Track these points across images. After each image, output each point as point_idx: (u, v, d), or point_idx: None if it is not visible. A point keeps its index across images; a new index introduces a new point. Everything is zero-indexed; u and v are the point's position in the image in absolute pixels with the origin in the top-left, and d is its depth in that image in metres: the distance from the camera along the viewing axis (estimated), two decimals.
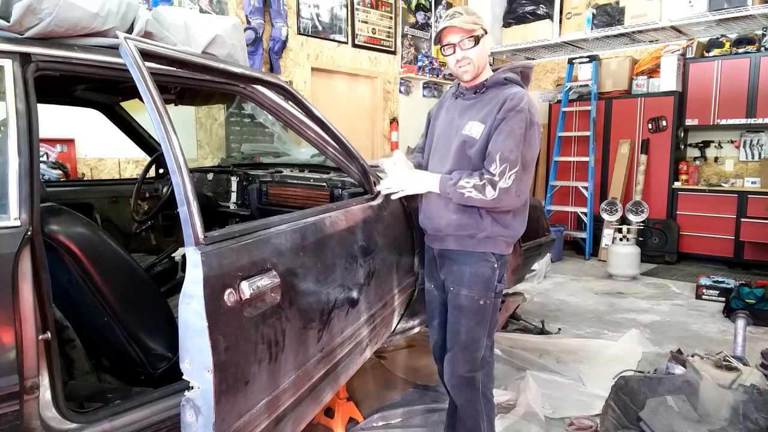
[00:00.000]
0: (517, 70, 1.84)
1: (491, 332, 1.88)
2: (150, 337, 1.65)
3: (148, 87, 1.18)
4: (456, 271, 1.84)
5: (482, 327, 1.83)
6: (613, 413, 2.15)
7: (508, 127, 1.69)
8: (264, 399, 1.30)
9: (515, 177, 1.68)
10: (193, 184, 1.19)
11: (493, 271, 1.81)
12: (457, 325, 1.84)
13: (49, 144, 3.70)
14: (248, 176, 2.83)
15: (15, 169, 1.20)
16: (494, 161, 1.68)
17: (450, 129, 1.87)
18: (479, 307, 1.81)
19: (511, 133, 1.69)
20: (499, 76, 1.82)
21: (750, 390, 2.07)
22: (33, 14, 1.30)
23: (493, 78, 1.82)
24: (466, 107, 1.84)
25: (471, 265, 1.81)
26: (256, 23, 4.72)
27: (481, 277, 1.80)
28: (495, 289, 1.83)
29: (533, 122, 1.73)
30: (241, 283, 1.21)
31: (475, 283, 1.80)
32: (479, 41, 1.78)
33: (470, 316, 1.81)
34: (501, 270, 1.85)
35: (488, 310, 1.83)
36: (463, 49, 1.77)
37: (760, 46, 5.44)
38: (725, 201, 5.56)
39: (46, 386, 1.20)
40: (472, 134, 1.76)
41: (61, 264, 1.44)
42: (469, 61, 1.78)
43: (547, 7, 6.02)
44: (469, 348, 1.83)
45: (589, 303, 4.39)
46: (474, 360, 1.84)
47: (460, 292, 1.82)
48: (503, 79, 1.81)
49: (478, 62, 1.80)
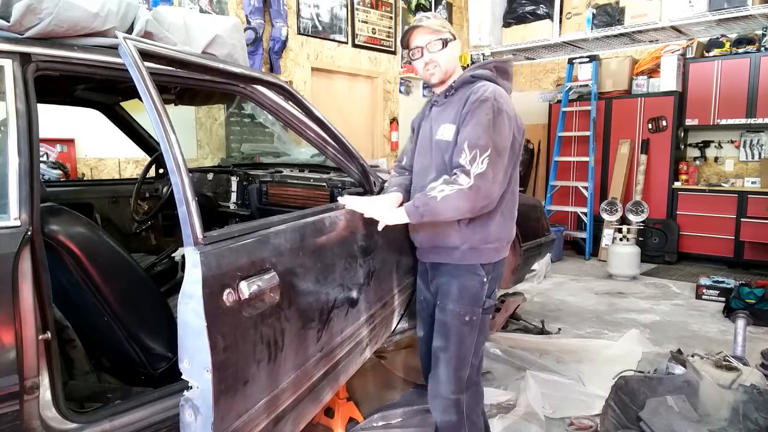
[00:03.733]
0: (490, 66, 1.76)
1: (478, 351, 1.76)
2: (150, 337, 1.65)
3: (148, 87, 1.18)
4: (443, 284, 1.75)
5: (468, 345, 1.71)
6: (613, 413, 2.15)
7: (474, 119, 1.61)
8: (263, 399, 1.30)
9: (489, 161, 1.56)
10: (192, 183, 1.19)
11: (482, 285, 1.71)
12: (443, 341, 1.73)
13: (49, 144, 3.71)
14: (248, 176, 2.83)
15: (15, 169, 1.20)
16: (462, 150, 1.58)
17: (427, 138, 1.81)
18: (465, 324, 1.70)
19: (478, 123, 1.60)
20: (465, 75, 1.75)
21: (750, 390, 2.07)
22: (33, 14, 1.30)
23: (461, 78, 1.76)
24: (438, 113, 1.79)
25: (458, 278, 1.72)
26: (256, 23, 4.72)
27: (469, 291, 1.70)
28: (483, 304, 1.72)
29: (501, 110, 1.62)
30: (240, 283, 1.21)
31: (461, 298, 1.70)
32: (447, 45, 1.72)
33: (455, 332, 1.70)
34: (492, 284, 1.74)
35: (475, 326, 1.71)
36: (431, 52, 1.72)
37: (760, 46, 5.44)
38: (725, 201, 5.56)
39: (46, 386, 1.20)
40: (444, 137, 1.70)
41: (61, 264, 1.44)
42: (436, 64, 1.73)
43: (547, 7, 6.02)
44: (453, 367, 1.71)
45: (589, 303, 4.39)
46: (458, 380, 1.72)
47: (446, 307, 1.72)
48: (470, 77, 1.73)
49: (446, 66, 1.74)
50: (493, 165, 1.56)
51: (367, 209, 1.71)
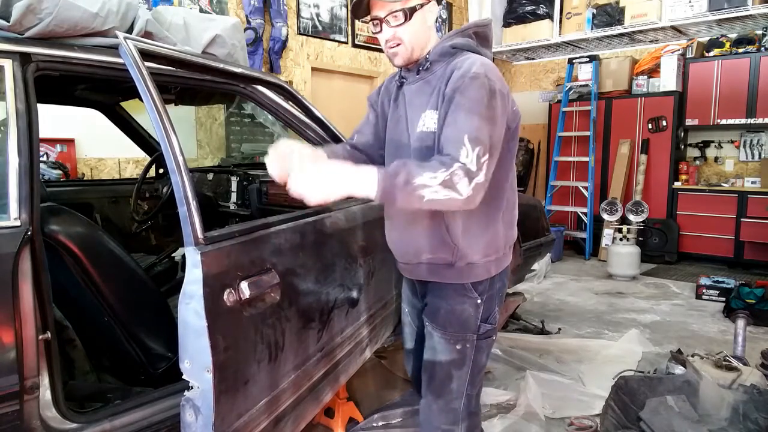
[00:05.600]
0: (469, 32, 1.39)
1: (475, 380, 1.47)
2: (150, 337, 1.65)
3: (148, 87, 1.18)
4: (430, 303, 1.46)
5: (459, 375, 1.43)
6: (613, 413, 2.15)
7: (466, 100, 1.24)
8: (264, 399, 1.30)
9: (487, 164, 1.21)
10: (192, 183, 1.19)
11: (476, 308, 1.40)
12: (430, 369, 1.46)
13: (49, 144, 3.70)
14: (248, 176, 2.83)
15: (15, 169, 1.20)
16: (463, 145, 1.19)
17: (399, 130, 1.43)
18: (455, 352, 1.41)
19: (472, 108, 1.23)
20: (444, 44, 1.36)
21: (750, 390, 2.07)
22: (33, 14, 1.30)
23: (437, 49, 1.36)
24: (412, 95, 1.40)
25: (446, 300, 1.41)
26: (256, 23, 4.72)
27: (458, 317, 1.40)
28: (478, 330, 1.42)
29: (495, 90, 1.26)
30: (241, 283, 1.21)
31: (449, 324, 1.41)
32: (413, 15, 1.30)
33: (445, 361, 1.43)
34: (489, 304, 1.43)
35: (467, 355, 1.42)
36: (391, 26, 1.31)
37: (760, 46, 5.44)
38: (725, 201, 5.56)
39: (46, 386, 1.20)
40: (427, 128, 1.33)
41: (61, 264, 1.44)
42: (398, 41, 1.33)
43: (547, 7, 6.02)
44: (444, 398, 1.45)
45: (589, 303, 4.39)
46: (452, 411, 1.46)
47: (433, 333, 1.43)
48: (449, 48, 1.36)
49: (413, 43, 1.34)
50: (489, 169, 1.23)
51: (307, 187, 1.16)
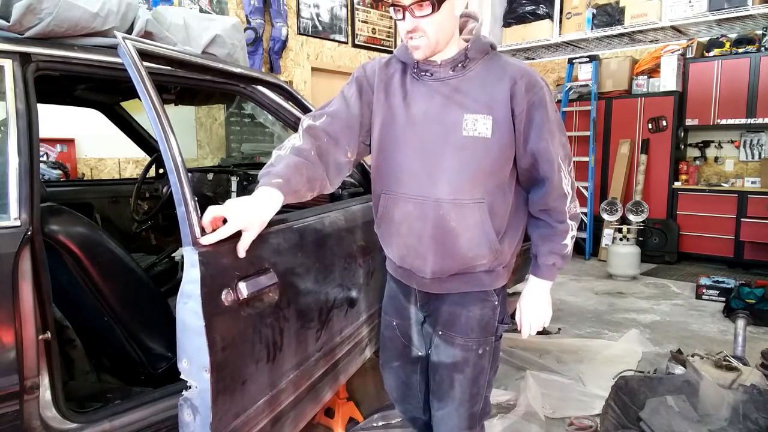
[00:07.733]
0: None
1: (491, 381, 1.49)
2: (150, 337, 1.65)
3: (146, 87, 1.18)
4: (445, 312, 1.42)
5: (482, 379, 1.44)
6: (613, 413, 2.15)
7: (547, 118, 1.26)
8: (262, 398, 1.30)
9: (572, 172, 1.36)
10: (190, 183, 1.19)
11: (494, 310, 1.42)
12: (449, 380, 1.42)
13: (49, 144, 3.71)
14: (248, 176, 2.83)
15: (15, 169, 1.20)
16: (561, 169, 1.30)
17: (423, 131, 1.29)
18: (478, 357, 1.41)
19: (555, 122, 1.29)
20: (483, 42, 1.29)
21: (750, 390, 2.07)
22: (33, 14, 1.30)
23: (476, 46, 1.28)
24: (447, 93, 1.28)
25: (466, 307, 1.40)
26: (256, 23, 4.72)
27: (480, 321, 1.40)
28: (496, 332, 1.44)
29: (552, 96, 1.34)
30: (239, 283, 1.21)
31: (471, 330, 1.40)
32: (441, 4, 1.19)
33: (468, 369, 1.41)
34: (503, 305, 1.46)
35: (487, 358, 1.43)
36: (415, 17, 1.20)
37: (760, 46, 5.44)
38: (725, 201, 5.56)
39: (46, 386, 1.21)
40: (478, 133, 1.24)
41: (61, 264, 1.44)
42: (422, 34, 1.22)
43: (547, 7, 6.02)
44: (466, 404, 1.43)
45: (589, 303, 4.39)
46: (472, 416, 1.45)
47: (454, 341, 1.40)
48: (489, 46, 1.30)
49: (437, 37, 1.23)
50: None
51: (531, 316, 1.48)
